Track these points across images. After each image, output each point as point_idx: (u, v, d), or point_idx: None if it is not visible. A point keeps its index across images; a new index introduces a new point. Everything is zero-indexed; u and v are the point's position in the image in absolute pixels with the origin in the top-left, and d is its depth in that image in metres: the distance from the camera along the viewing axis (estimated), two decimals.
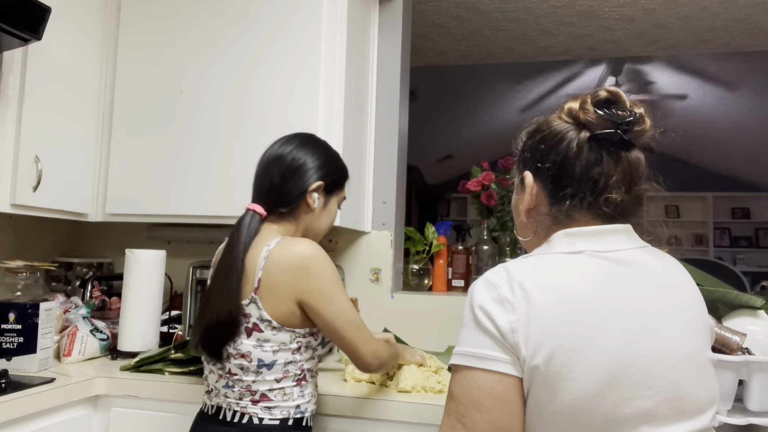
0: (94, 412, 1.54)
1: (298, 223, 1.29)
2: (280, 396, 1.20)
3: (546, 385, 0.75)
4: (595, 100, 0.87)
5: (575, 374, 0.74)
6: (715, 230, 6.63)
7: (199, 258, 2.01)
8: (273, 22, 1.81)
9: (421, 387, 1.43)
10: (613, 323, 0.77)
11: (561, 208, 0.87)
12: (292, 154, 1.28)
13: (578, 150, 0.86)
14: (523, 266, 0.82)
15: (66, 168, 1.79)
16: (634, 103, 0.87)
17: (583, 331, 0.76)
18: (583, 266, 0.82)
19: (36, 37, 1.50)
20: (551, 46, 3.45)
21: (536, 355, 0.75)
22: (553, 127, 0.90)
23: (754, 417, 1.19)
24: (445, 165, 6.48)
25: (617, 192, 0.85)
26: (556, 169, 0.87)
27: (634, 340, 0.77)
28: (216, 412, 1.22)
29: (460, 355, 0.80)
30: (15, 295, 1.77)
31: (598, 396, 0.74)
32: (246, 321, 1.18)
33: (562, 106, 0.91)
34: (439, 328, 1.98)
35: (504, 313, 0.77)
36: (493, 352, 0.77)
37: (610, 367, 0.75)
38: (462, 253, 2.16)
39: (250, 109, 1.80)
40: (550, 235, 0.88)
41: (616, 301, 0.79)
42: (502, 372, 0.77)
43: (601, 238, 0.85)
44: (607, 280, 0.80)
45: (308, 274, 1.17)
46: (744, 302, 1.34)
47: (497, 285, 0.80)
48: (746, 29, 3.09)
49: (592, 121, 0.85)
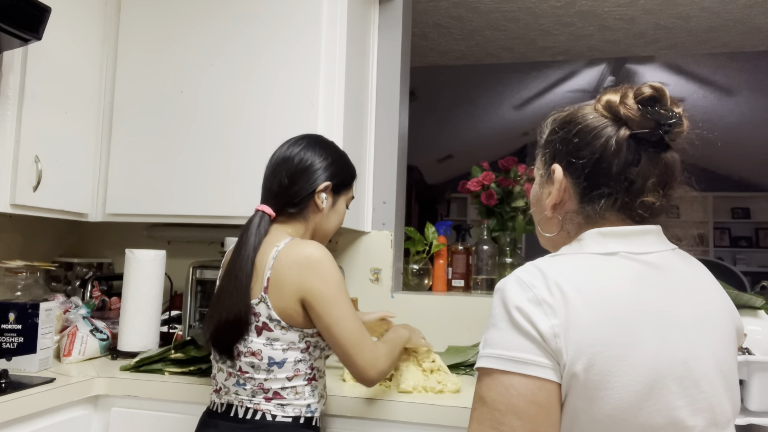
0: (94, 412, 1.54)
1: (308, 223, 1.30)
2: (293, 394, 1.21)
3: (585, 394, 0.72)
4: (639, 97, 0.82)
5: (615, 383, 0.71)
6: (715, 230, 6.63)
7: (199, 258, 2.01)
8: (273, 22, 1.81)
9: (422, 387, 1.44)
10: (652, 330, 0.74)
11: (595, 207, 0.83)
12: (299, 155, 1.29)
13: (617, 148, 0.81)
14: (557, 266, 0.78)
15: (66, 168, 1.79)
16: (674, 101, 0.83)
17: (624, 339, 0.72)
18: (619, 269, 0.78)
19: (36, 37, 1.50)
20: (551, 46, 3.45)
21: (576, 363, 0.72)
22: (590, 121, 0.85)
23: (754, 417, 1.19)
24: (445, 165, 6.48)
25: (654, 195, 0.82)
26: (592, 167, 0.83)
27: (671, 348, 0.74)
28: (226, 410, 1.23)
29: (494, 358, 0.75)
30: (15, 295, 1.77)
31: (636, 406, 0.72)
32: (256, 320, 1.19)
33: (599, 97, 0.86)
34: (439, 328, 1.98)
35: (544, 316, 0.73)
36: (535, 357, 0.73)
37: (648, 377, 0.72)
38: (462, 253, 2.16)
39: (250, 109, 1.80)
40: (581, 233, 0.84)
41: (652, 307, 0.76)
42: (544, 378, 0.73)
43: (634, 240, 0.81)
44: (643, 284, 0.77)
45: (312, 274, 1.17)
46: (744, 302, 1.34)
47: (532, 285, 0.76)
48: (746, 29, 3.09)
49: (633, 118, 0.81)
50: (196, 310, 1.86)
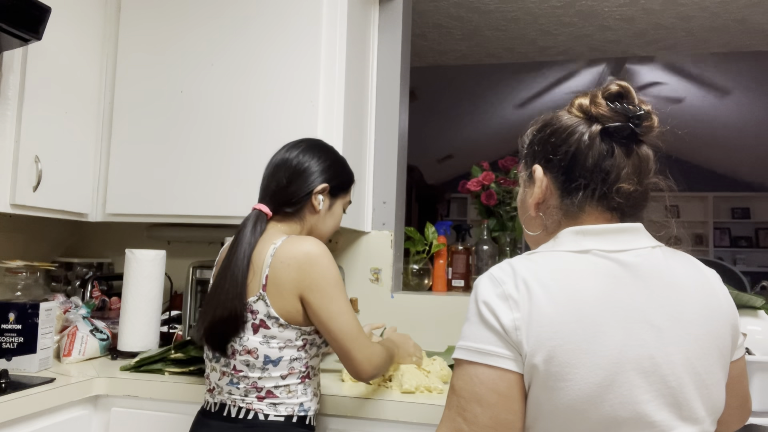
0: (94, 412, 1.54)
1: (304, 223, 1.32)
2: (285, 393, 1.21)
3: (545, 385, 0.76)
4: (607, 94, 0.88)
5: (574, 375, 0.74)
6: (715, 230, 6.63)
7: (199, 258, 2.01)
8: (273, 23, 1.81)
9: (425, 387, 1.44)
10: (616, 326, 0.76)
11: (573, 201, 0.87)
12: (298, 158, 1.31)
13: (590, 142, 0.86)
14: (529, 263, 0.82)
15: (66, 168, 1.79)
16: (641, 99, 0.88)
17: (585, 333, 0.75)
18: (588, 266, 0.81)
19: (36, 37, 1.49)
20: (551, 46, 3.45)
21: (536, 354, 0.75)
22: (564, 121, 0.90)
23: (754, 417, 1.19)
24: (445, 165, 6.48)
25: (629, 182, 0.85)
26: (568, 161, 0.87)
27: (636, 343, 0.76)
28: (219, 409, 1.23)
29: (463, 349, 0.81)
30: (15, 295, 1.77)
31: (596, 398, 0.74)
32: (253, 318, 1.19)
33: (571, 102, 0.92)
34: (439, 328, 1.98)
35: (508, 310, 0.78)
36: (497, 348, 0.78)
37: (609, 370, 0.75)
38: (462, 253, 2.16)
39: (250, 109, 1.80)
40: (560, 230, 0.87)
41: (619, 303, 0.78)
42: (505, 368, 0.77)
43: (609, 237, 0.84)
44: (613, 282, 0.80)
45: (310, 270, 1.18)
46: (744, 302, 1.34)
47: (502, 281, 0.80)
48: (746, 29, 3.09)
49: (604, 114, 0.86)
50: (196, 310, 1.86)
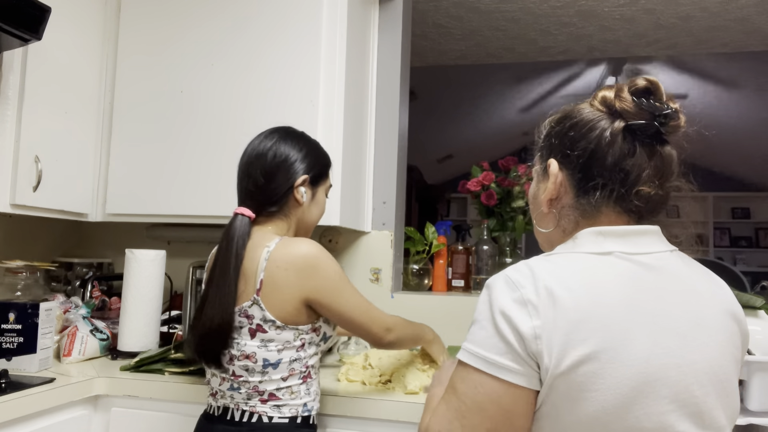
0: (94, 412, 1.54)
1: (289, 219, 1.29)
2: (288, 394, 1.20)
3: (569, 395, 0.72)
4: (633, 89, 0.82)
5: (601, 385, 0.71)
6: (715, 230, 6.63)
7: (199, 258, 2.00)
8: (273, 22, 1.81)
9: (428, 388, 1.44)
10: (643, 332, 0.73)
11: (590, 200, 0.83)
12: (272, 150, 1.26)
13: (611, 139, 0.81)
14: (549, 266, 0.77)
15: (66, 168, 1.79)
16: (670, 97, 0.83)
17: (613, 341, 0.71)
18: (612, 269, 0.77)
19: (36, 37, 1.49)
20: (551, 46, 3.44)
21: (561, 363, 0.71)
22: (585, 115, 0.85)
23: (754, 417, 1.19)
24: (445, 165, 6.48)
25: (649, 186, 0.81)
26: (587, 158, 0.82)
27: (662, 351, 0.73)
28: (223, 413, 1.22)
29: (470, 354, 0.77)
30: (15, 295, 1.76)
31: (622, 408, 0.71)
32: (249, 323, 1.18)
33: (595, 94, 0.86)
34: (439, 328, 1.96)
35: (527, 317, 0.73)
36: (507, 361, 0.73)
37: (637, 380, 0.71)
38: (462, 253, 2.16)
39: (250, 109, 1.80)
40: (578, 230, 0.83)
41: (645, 308, 0.74)
42: (513, 383, 0.73)
43: (630, 239, 0.80)
44: (637, 285, 0.76)
45: (315, 274, 1.18)
46: (744, 302, 1.34)
47: (520, 285, 0.75)
48: (746, 29, 3.09)
49: (629, 110, 0.81)
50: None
